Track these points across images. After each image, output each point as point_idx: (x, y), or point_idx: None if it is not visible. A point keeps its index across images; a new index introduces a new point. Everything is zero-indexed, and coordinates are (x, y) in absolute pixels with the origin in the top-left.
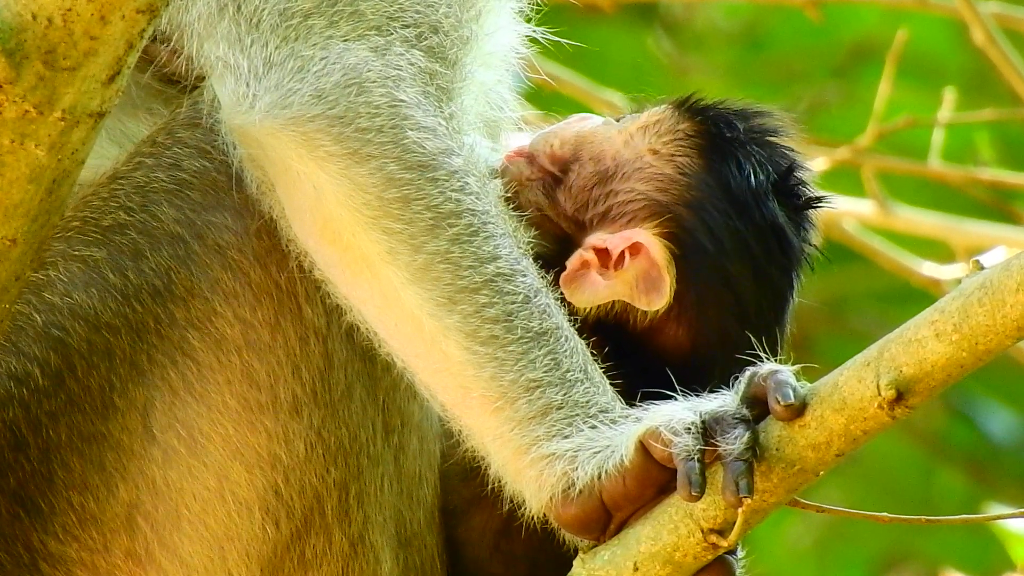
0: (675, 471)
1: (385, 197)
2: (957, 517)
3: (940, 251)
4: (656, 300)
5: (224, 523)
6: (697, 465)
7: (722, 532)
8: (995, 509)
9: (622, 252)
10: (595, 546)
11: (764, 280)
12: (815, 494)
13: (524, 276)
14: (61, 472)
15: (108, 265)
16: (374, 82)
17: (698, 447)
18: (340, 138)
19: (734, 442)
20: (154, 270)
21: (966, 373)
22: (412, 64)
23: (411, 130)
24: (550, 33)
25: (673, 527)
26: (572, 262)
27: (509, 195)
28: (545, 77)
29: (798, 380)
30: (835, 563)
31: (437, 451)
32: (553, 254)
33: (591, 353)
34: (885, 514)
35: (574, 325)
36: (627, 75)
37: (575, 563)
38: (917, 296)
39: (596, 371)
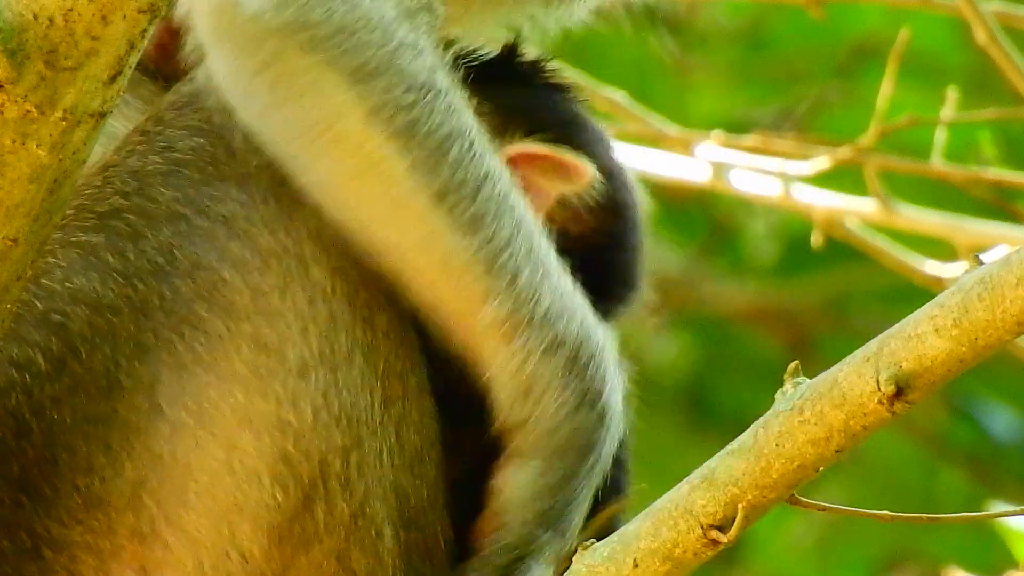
0: None
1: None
2: (959, 515)
3: (943, 250)
4: (576, 175)
5: (232, 494)
6: None
7: (722, 528)
8: (997, 508)
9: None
10: (593, 543)
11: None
12: (816, 492)
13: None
14: (65, 455)
15: (106, 248)
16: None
17: None
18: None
19: None
20: (156, 248)
21: (966, 368)
22: None
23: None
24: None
25: (672, 523)
26: None
27: None
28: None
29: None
30: (836, 563)
31: (436, 424)
32: None
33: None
34: (886, 512)
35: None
36: (629, 73)
37: (574, 559)
38: (920, 295)
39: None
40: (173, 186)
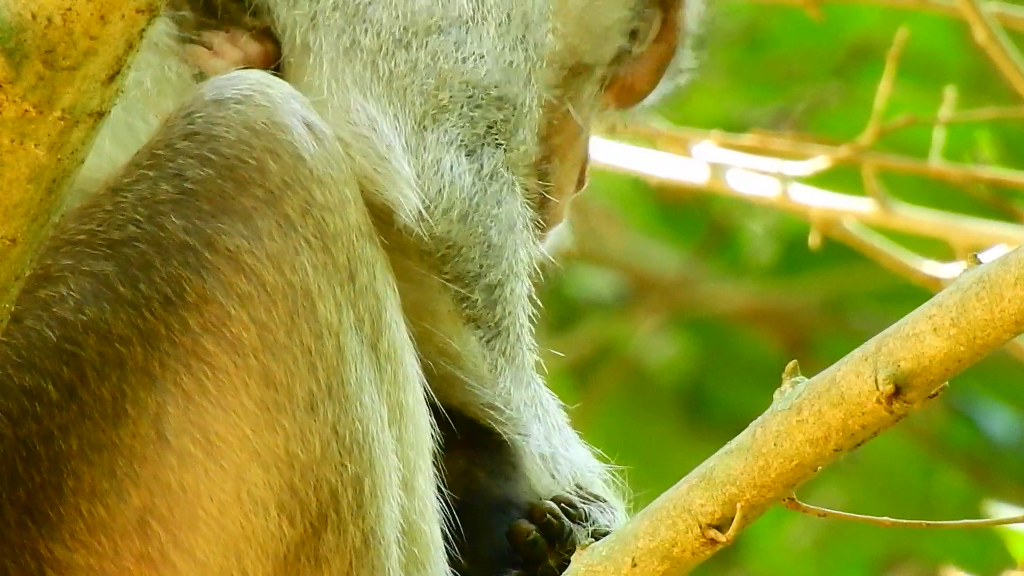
0: None
1: None
2: (958, 522)
3: (940, 250)
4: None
5: (240, 523)
6: None
7: (720, 527)
8: (995, 509)
9: None
10: (592, 543)
11: None
12: (815, 493)
13: None
14: (71, 481)
15: (118, 278)
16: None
17: None
18: None
19: None
20: (165, 279)
21: (964, 368)
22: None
23: None
24: None
25: (671, 523)
26: None
27: None
28: None
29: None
30: (835, 563)
31: (429, 438)
32: None
33: None
34: (886, 518)
35: None
36: None
37: (573, 558)
38: (918, 295)
39: None
40: (182, 216)
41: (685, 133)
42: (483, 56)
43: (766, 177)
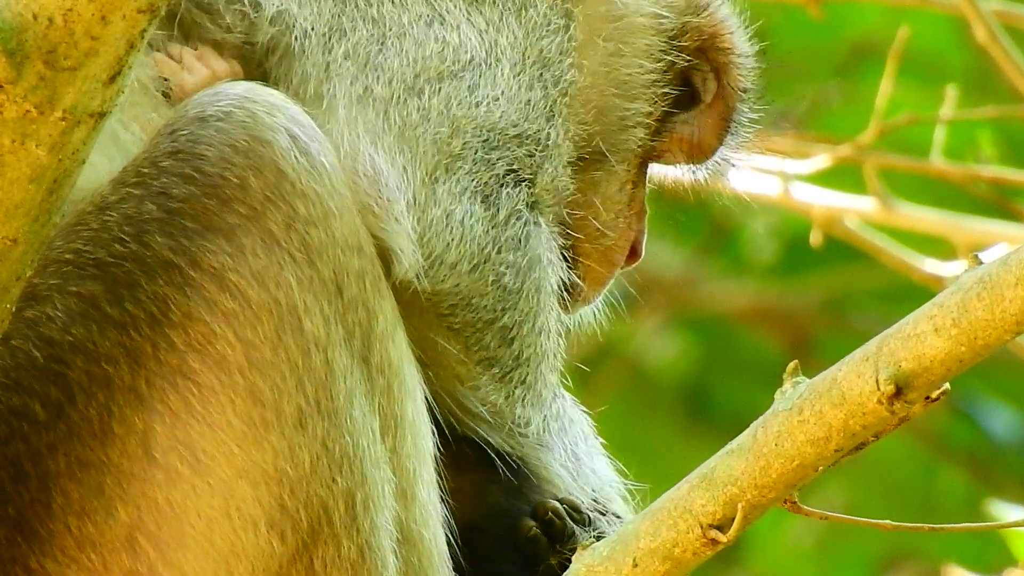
0: None
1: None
2: (960, 526)
3: (942, 248)
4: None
5: (230, 539)
6: None
7: (721, 528)
8: (997, 508)
9: None
10: (593, 543)
11: None
12: (816, 492)
13: None
14: (59, 499)
15: (105, 298)
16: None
17: None
18: None
19: None
20: (150, 298)
21: (965, 368)
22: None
23: None
24: None
25: (672, 523)
26: None
27: None
28: None
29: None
30: (836, 563)
31: (430, 446)
32: None
33: None
34: (887, 521)
35: None
36: None
37: (574, 559)
38: (919, 293)
39: None
40: (167, 234)
41: None
42: (498, 98)
43: (768, 176)
